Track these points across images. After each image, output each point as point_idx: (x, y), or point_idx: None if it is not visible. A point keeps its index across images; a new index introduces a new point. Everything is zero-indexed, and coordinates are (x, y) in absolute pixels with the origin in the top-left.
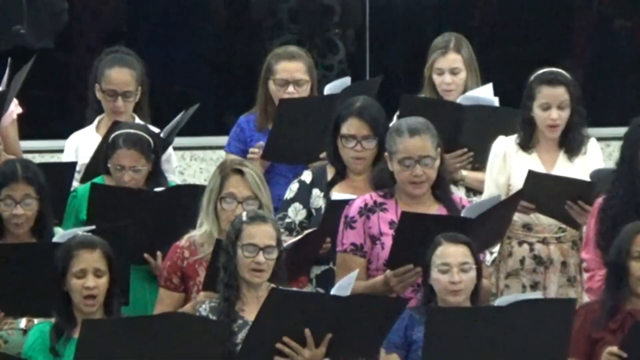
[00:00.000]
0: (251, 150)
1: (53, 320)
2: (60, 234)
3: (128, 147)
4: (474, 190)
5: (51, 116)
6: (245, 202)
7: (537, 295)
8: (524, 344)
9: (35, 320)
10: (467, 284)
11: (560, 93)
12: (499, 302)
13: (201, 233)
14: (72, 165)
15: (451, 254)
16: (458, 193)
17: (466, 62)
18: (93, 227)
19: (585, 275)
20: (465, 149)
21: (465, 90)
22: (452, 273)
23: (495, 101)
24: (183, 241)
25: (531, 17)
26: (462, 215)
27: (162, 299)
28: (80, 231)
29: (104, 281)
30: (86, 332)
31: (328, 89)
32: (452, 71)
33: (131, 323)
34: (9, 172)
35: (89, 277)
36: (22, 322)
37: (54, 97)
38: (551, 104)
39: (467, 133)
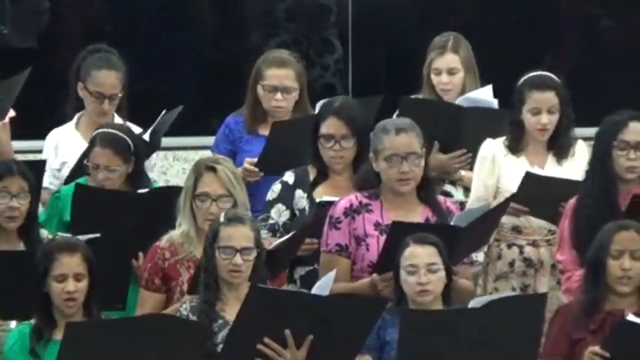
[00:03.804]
0: (247, 168)
1: (33, 321)
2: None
3: (103, 146)
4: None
5: (35, 116)
6: (219, 200)
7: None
8: (497, 343)
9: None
10: (436, 285)
11: (549, 97)
12: (473, 303)
13: (180, 233)
14: (42, 163)
15: (418, 255)
16: (457, 194)
17: (464, 62)
18: (98, 235)
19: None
20: (464, 150)
21: (463, 90)
22: (419, 274)
23: (495, 103)
24: (163, 242)
25: (516, 18)
26: (452, 223)
27: (144, 301)
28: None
29: (83, 284)
30: (69, 335)
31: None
32: (449, 71)
33: (114, 325)
34: (4, 167)
35: (69, 281)
36: (13, 323)
37: (39, 98)
38: (541, 109)
39: (466, 134)
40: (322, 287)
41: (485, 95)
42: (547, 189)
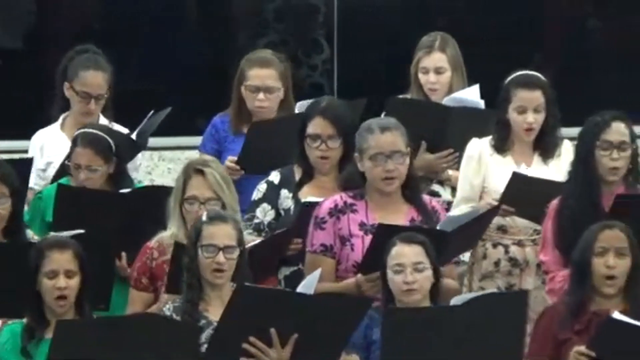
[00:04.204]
0: (228, 165)
1: (25, 320)
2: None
3: (84, 146)
4: None
5: (22, 117)
6: (207, 203)
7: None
8: (480, 340)
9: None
10: (422, 284)
11: (536, 97)
12: (454, 301)
13: (169, 234)
14: (29, 161)
15: (405, 254)
16: (445, 193)
17: (451, 61)
18: (82, 231)
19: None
20: (452, 150)
21: (450, 90)
22: (405, 273)
23: (481, 103)
24: (153, 242)
25: (502, 18)
26: (438, 227)
27: (133, 300)
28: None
29: (75, 282)
30: (60, 333)
31: (300, 108)
32: (437, 70)
33: (105, 324)
34: None
35: (59, 277)
36: None
37: (26, 98)
38: (527, 108)
39: (452, 134)
40: (307, 286)
41: (471, 95)
42: (532, 189)
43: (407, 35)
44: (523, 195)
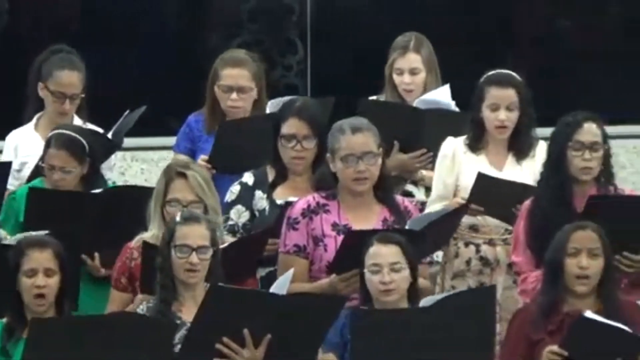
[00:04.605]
0: (200, 165)
1: (4, 320)
2: (14, 238)
3: (58, 148)
4: None
5: None
6: (189, 206)
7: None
8: (450, 339)
9: None
10: (400, 284)
11: (509, 94)
12: (424, 302)
13: (150, 235)
14: (7, 165)
15: (382, 254)
16: (419, 194)
17: (426, 62)
18: (46, 231)
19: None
20: (425, 150)
21: (425, 91)
22: (383, 273)
23: (452, 104)
24: (134, 242)
25: (475, 18)
26: (407, 227)
27: (113, 299)
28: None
29: (54, 281)
30: (34, 331)
31: (271, 106)
32: (411, 71)
33: (79, 323)
34: None
35: (39, 276)
36: None
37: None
38: (499, 105)
39: (426, 134)
40: (280, 286)
41: (442, 96)
42: (498, 190)
43: (381, 36)
44: (490, 195)
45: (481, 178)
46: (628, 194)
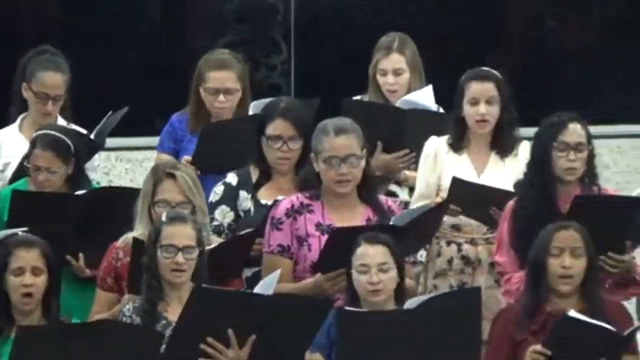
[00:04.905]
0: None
1: None
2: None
3: (43, 149)
4: None
5: None
6: (178, 207)
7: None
8: (436, 340)
9: None
10: (387, 284)
11: (488, 88)
12: (409, 304)
13: (136, 236)
14: None
15: (370, 254)
16: (402, 194)
17: (410, 62)
18: (26, 228)
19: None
20: (407, 150)
21: (409, 91)
22: (370, 273)
23: (433, 105)
24: (119, 242)
25: (460, 18)
26: (391, 223)
27: (98, 299)
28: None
29: (42, 280)
30: (20, 339)
31: (254, 108)
32: (395, 72)
33: (66, 330)
34: None
35: (26, 274)
36: None
37: None
38: (479, 99)
39: (409, 135)
40: (266, 286)
41: (424, 97)
42: (474, 193)
43: (365, 36)
44: (466, 197)
45: (456, 182)
46: (612, 194)
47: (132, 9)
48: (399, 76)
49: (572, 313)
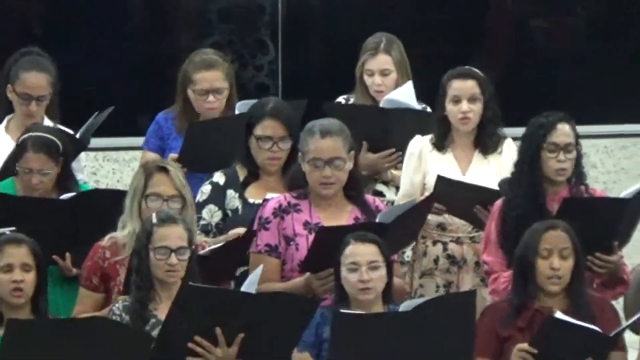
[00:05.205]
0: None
1: None
2: None
3: (36, 151)
4: None
5: None
6: (170, 200)
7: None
8: (431, 344)
9: None
10: (377, 283)
11: (470, 86)
12: (404, 307)
13: (125, 234)
14: None
15: (360, 252)
16: (389, 193)
17: (396, 63)
18: (13, 227)
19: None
20: (393, 150)
21: None
22: (361, 272)
23: (414, 99)
24: (104, 241)
25: (446, 18)
26: (377, 220)
27: (82, 298)
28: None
29: (31, 276)
30: (10, 332)
31: (240, 108)
32: (382, 72)
33: (57, 325)
34: None
35: (15, 271)
36: None
37: None
38: (461, 97)
39: (394, 134)
40: (250, 284)
41: (405, 93)
42: (459, 192)
43: (352, 36)
44: (450, 196)
45: (440, 180)
46: (601, 195)
47: (117, 9)
48: (386, 77)
49: (559, 315)
